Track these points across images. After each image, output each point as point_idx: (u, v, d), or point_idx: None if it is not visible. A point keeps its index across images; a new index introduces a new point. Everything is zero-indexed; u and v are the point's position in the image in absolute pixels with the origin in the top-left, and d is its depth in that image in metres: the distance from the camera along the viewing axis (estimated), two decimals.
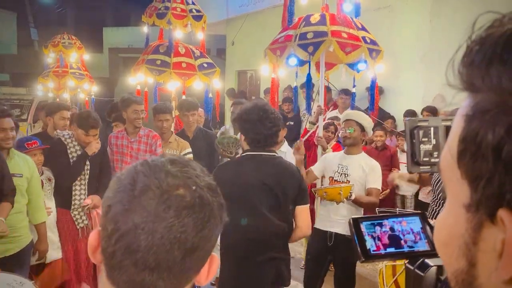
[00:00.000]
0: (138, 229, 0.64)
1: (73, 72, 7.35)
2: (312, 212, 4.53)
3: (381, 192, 5.10)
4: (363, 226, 0.93)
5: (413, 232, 0.95)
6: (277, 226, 2.39)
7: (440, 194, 2.65)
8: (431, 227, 0.95)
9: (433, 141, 0.93)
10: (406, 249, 0.93)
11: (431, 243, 0.93)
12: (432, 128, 0.93)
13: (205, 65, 4.91)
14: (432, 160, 0.93)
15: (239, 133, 2.50)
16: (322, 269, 3.27)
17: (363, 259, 0.90)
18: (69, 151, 3.36)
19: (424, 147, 0.92)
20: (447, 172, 0.43)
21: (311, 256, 3.40)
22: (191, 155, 3.69)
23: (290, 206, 2.41)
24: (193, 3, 5.09)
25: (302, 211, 2.44)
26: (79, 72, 7.44)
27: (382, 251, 0.92)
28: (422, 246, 0.93)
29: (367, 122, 3.29)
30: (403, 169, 4.68)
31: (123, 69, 15.61)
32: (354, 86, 4.76)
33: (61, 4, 21.30)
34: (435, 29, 5.90)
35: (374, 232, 0.93)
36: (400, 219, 0.96)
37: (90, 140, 3.38)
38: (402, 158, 4.98)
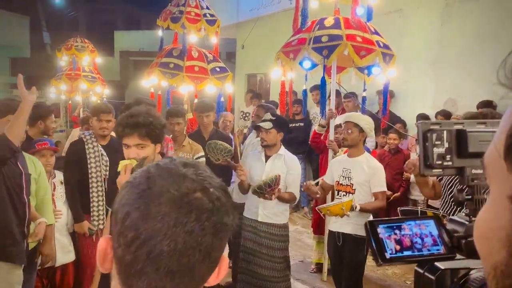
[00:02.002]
0: (160, 235, 0.63)
1: (86, 75, 7.44)
2: (318, 215, 4.56)
3: (392, 195, 5.13)
4: (380, 229, 0.93)
5: (431, 235, 0.95)
6: None
7: (449, 198, 2.65)
8: (446, 230, 0.95)
9: (446, 145, 0.93)
10: (425, 252, 0.92)
11: (446, 246, 0.93)
12: (445, 131, 0.93)
13: (218, 69, 4.95)
14: (445, 163, 0.93)
15: (158, 145, 2.29)
16: (343, 266, 3.33)
17: (381, 263, 0.89)
18: (86, 147, 3.39)
19: (437, 150, 0.92)
20: (492, 167, 0.45)
21: (330, 256, 3.57)
22: (203, 159, 3.71)
23: None
24: (207, 8, 5.14)
25: None
26: (91, 75, 7.53)
27: (400, 254, 0.91)
28: (439, 249, 0.93)
29: (365, 122, 3.32)
30: None
31: (134, 72, 15.73)
32: (364, 90, 4.76)
33: (73, 8, 21.58)
34: (446, 33, 5.89)
35: (392, 235, 0.92)
36: (418, 222, 0.96)
37: (103, 126, 3.40)
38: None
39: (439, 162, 0.92)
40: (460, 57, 5.68)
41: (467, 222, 0.94)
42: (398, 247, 0.92)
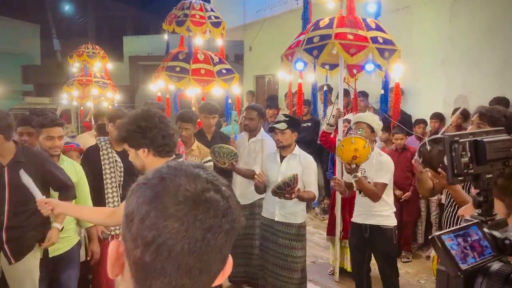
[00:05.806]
0: (180, 232, 0.64)
1: (97, 81, 7.51)
2: (332, 213, 4.54)
3: (403, 195, 5.08)
4: (447, 240, 0.92)
5: (486, 239, 0.97)
6: None
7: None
8: (488, 234, 0.98)
9: (468, 154, 1.00)
10: (487, 256, 0.94)
11: (494, 248, 0.96)
12: (467, 142, 1.00)
13: (224, 71, 4.95)
14: (469, 171, 1.01)
15: (141, 150, 2.07)
16: (365, 256, 3.47)
17: (460, 275, 0.89)
18: (101, 153, 3.40)
19: (463, 160, 1.00)
20: None
21: (352, 247, 3.65)
22: (211, 163, 3.72)
23: None
24: (212, 10, 5.14)
25: None
26: (102, 81, 7.59)
27: (473, 260, 0.92)
28: (491, 252, 0.95)
29: (376, 123, 3.50)
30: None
31: (143, 77, 15.87)
32: (382, 88, 4.70)
33: (82, 15, 21.86)
34: (455, 30, 5.82)
35: (458, 244, 0.93)
36: (475, 228, 0.98)
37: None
38: None
39: (465, 170, 1.00)
40: (470, 53, 5.60)
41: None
42: (471, 254, 0.93)
